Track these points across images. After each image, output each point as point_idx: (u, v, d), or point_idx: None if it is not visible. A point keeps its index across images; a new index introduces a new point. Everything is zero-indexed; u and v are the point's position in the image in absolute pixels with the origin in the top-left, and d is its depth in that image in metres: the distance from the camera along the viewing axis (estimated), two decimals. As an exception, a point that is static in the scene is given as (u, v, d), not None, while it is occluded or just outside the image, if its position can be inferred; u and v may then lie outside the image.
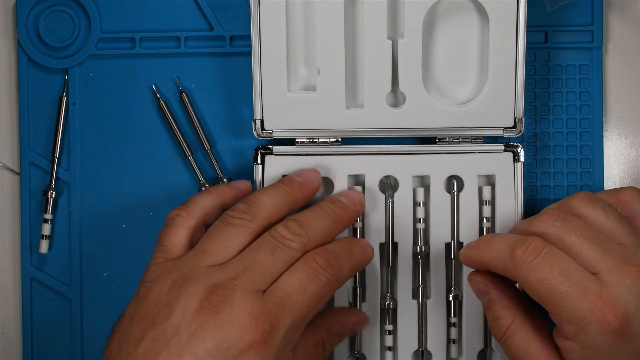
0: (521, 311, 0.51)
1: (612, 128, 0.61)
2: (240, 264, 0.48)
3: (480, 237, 0.51)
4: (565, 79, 0.60)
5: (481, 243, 0.50)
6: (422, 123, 0.57)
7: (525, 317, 0.50)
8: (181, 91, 0.59)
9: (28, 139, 0.60)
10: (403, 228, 0.58)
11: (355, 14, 0.58)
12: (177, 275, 0.48)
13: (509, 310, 0.50)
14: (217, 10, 0.60)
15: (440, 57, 0.58)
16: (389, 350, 0.58)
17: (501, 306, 0.51)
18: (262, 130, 0.57)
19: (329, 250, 0.50)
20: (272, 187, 0.53)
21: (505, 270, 0.49)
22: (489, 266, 0.50)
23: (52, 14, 0.59)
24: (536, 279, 0.47)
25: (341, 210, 0.53)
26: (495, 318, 0.51)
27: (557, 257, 0.47)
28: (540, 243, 0.47)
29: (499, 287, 0.51)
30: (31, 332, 0.60)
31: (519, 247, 0.48)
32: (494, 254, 0.49)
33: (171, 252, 0.51)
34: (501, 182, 0.57)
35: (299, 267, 0.48)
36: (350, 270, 0.51)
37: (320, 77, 0.56)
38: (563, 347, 0.48)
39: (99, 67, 0.60)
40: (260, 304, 0.46)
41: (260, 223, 0.51)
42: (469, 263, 0.52)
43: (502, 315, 0.50)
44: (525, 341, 0.50)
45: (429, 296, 0.58)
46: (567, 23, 0.60)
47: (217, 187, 0.55)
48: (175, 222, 0.52)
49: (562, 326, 0.47)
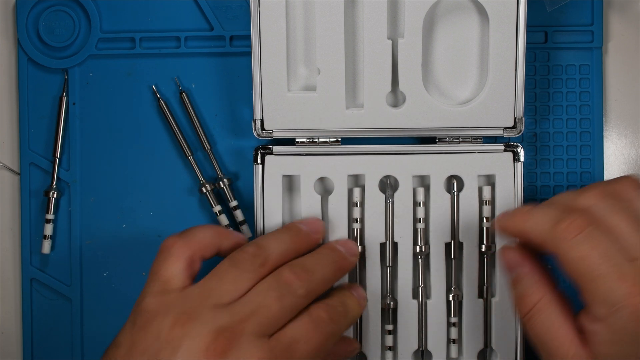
0: (550, 290, 0.50)
1: (612, 128, 0.61)
2: (248, 307, 0.48)
3: (518, 207, 0.50)
4: (565, 79, 0.60)
5: (521, 212, 0.50)
6: (422, 123, 0.57)
7: (553, 296, 0.50)
8: (181, 91, 0.59)
9: (28, 139, 0.60)
10: (403, 228, 0.58)
11: (355, 14, 0.58)
12: (180, 311, 0.47)
13: (538, 287, 0.50)
14: (217, 10, 0.60)
15: (440, 57, 0.58)
16: (389, 350, 0.58)
17: (531, 282, 0.50)
18: (262, 130, 0.57)
19: (331, 306, 0.50)
20: (280, 233, 0.53)
21: (544, 242, 0.48)
22: (526, 236, 0.49)
23: (52, 14, 0.59)
24: (576, 256, 0.46)
25: (341, 260, 0.53)
26: (523, 294, 0.50)
27: (599, 237, 0.46)
28: (585, 220, 0.47)
29: (531, 263, 0.50)
30: (31, 332, 0.60)
31: (563, 221, 0.47)
32: (535, 224, 0.49)
33: (169, 283, 0.49)
34: (501, 182, 0.57)
35: (305, 318, 0.49)
36: (347, 326, 0.52)
37: (320, 77, 0.56)
38: (589, 330, 0.47)
39: (99, 67, 0.60)
40: (268, 349, 0.46)
41: (269, 269, 0.50)
42: (505, 230, 0.51)
43: (531, 292, 0.50)
44: (550, 320, 0.49)
45: (429, 296, 0.58)
46: (567, 23, 0.60)
47: (219, 227, 0.53)
48: (171, 252, 0.50)
49: (593, 307, 0.47)
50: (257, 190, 0.57)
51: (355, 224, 0.58)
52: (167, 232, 0.57)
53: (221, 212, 0.59)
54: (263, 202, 0.57)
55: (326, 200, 0.58)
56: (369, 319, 0.58)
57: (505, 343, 0.57)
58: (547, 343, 0.49)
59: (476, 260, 0.58)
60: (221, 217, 0.59)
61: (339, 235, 0.57)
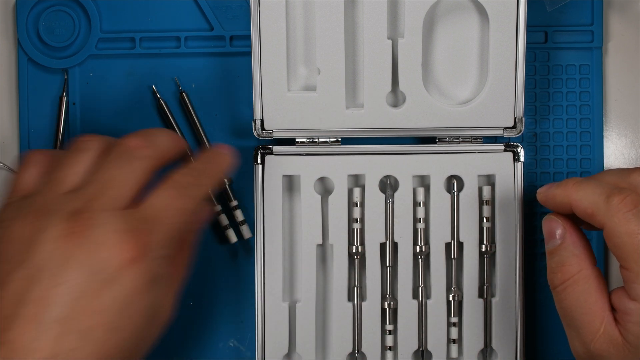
0: (589, 264, 0.50)
1: (612, 128, 0.61)
2: (97, 184, 0.47)
3: (565, 179, 0.50)
4: (565, 79, 0.60)
5: (570, 182, 0.49)
6: (422, 123, 0.57)
7: (591, 271, 0.49)
8: (181, 91, 0.59)
9: (28, 139, 0.60)
10: (403, 228, 0.58)
11: (355, 14, 0.58)
12: (34, 210, 0.47)
13: (578, 259, 0.49)
14: (217, 10, 0.60)
15: (440, 57, 0.58)
16: (389, 350, 0.58)
17: (572, 253, 0.50)
18: (262, 130, 0.57)
19: (193, 167, 0.51)
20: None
21: (594, 214, 0.48)
22: (575, 207, 0.49)
23: (52, 14, 0.59)
24: (626, 231, 0.46)
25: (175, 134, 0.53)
26: (561, 263, 0.50)
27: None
28: (638, 197, 0.47)
29: (575, 234, 0.50)
30: (31, 332, 0.60)
31: (617, 195, 0.47)
32: (586, 195, 0.48)
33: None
34: (501, 182, 0.57)
35: (166, 185, 0.49)
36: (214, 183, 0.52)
37: (320, 77, 0.56)
38: (625, 309, 0.47)
39: (99, 67, 0.60)
40: (127, 221, 0.46)
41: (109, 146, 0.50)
42: (550, 201, 0.51)
43: (570, 263, 0.49)
44: (585, 295, 0.49)
45: (429, 296, 0.58)
46: (567, 23, 0.60)
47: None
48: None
49: (633, 285, 0.46)
50: (257, 190, 0.57)
51: (355, 224, 0.58)
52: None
53: (221, 212, 0.59)
54: (263, 202, 0.57)
55: (326, 200, 0.58)
56: (369, 319, 0.58)
57: (505, 343, 0.57)
58: (578, 317, 0.49)
59: (476, 260, 0.58)
60: (221, 217, 0.59)
61: (339, 236, 0.57)
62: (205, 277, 0.60)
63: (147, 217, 0.47)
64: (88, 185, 0.47)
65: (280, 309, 0.57)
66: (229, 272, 0.60)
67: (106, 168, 0.48)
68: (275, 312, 0.57)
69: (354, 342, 0.58)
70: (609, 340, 0.47)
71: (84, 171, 0.48)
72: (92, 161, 0.49)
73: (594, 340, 0.48)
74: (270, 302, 0.57)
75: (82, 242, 0.45)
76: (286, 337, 0.57)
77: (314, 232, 0.57)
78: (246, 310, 0.59)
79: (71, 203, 0.46)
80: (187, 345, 0.59)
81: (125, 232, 0.45)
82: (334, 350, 0.58)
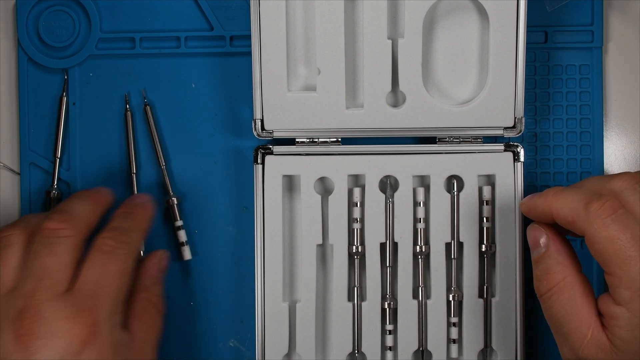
0: (574, 271, 0.50)
1: (612, 128, 0.61)
2: (31, 278, 0.48)
3: (547, 189, 0.51)
4: (565, 79, 0.60)
5: (551, 192, 0.50)
6: (422, 123, 0.57)
7: (576, 278, 0.50)
8: (145, 103, 0.59)
9: (28, 139, 0.60)
10: (403, 228, 0.58)
11: (355, 14, 0.58)
12: None
13: (563, 266, 0.50)
14: (217, 10, 0.60)
15: (440, 57, 0.58)
16: (389, 350, 0.58)
17: (556, 261, 0.50)
18: (262, 130, 0.57)
19: (114, 228, 0.51)
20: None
21: (574, 221, 0.48)
22: (555, 215, 0.49)
23: (52, 14, 0.59)
24: (607, 236, 0.46)
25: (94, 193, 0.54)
26: (546, 271, 0.50)
27: (631, 221, 0.47)
28: (617, 202, 0.47)
29: (558, 242, 0.51)
30: (31, 332, 0.60)
31: (595, 202, 0.47)
32: (566, 203, 0.49)
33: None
34: (501, 182, 0.57)
35: (93, 255, 0.49)
36: (141, 235, 0.53)
37: (320, 77, 0.56)
38: (611, 314, 0.47)
39: (99, 67, 0.60)
40: (70, 304, 0.47)
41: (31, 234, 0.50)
42: (532, 211, 0.51)
43: (554, 270, 0.50)
44: (571, 301, 0.49)
45: (429, 296, 0.58)
46: (567, 23, 0.60)
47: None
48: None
49: (618, 290, 0.47)
50: (257, 190, 0.57)
51: (355, 224, 0.58)
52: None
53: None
54: (263, 202, 0.57)
55: (326, 200, 0.58)
56: (369, 319, 0.58)
57: (505, 343, 0.57)
58: (565, 323, 0.49)
59: (476, 260, 0.58)
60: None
61: (339, 236, 0.57)
62: (205, 277, 0.60)
63: (87, 292, 0.48)
64: (24, 280, 0.48)
65: (280, 309, 0.57)
66: (229, 272, 0.60)
67: (34, 259, 0.49)
68: (275, 312, 0.57)
69: (354, 342, 0.58)
70: (597, 345, 0.48)
71: (16, 266, 0.49)
72: (19, 254, 0.50)
73: (582, 346, 0.48)
74: (270, 302, 0.57)
75: (35, 340, 0.46)
76: (286, 337, 0.57)
77: (314, 232, 0.57)
78: (246, 310, 0.59)
79: (14, 303, 0.47)
80: (187, 345, 0.59)
81: (71, 316, 0.46)
82: (334, 350, 0.58)
